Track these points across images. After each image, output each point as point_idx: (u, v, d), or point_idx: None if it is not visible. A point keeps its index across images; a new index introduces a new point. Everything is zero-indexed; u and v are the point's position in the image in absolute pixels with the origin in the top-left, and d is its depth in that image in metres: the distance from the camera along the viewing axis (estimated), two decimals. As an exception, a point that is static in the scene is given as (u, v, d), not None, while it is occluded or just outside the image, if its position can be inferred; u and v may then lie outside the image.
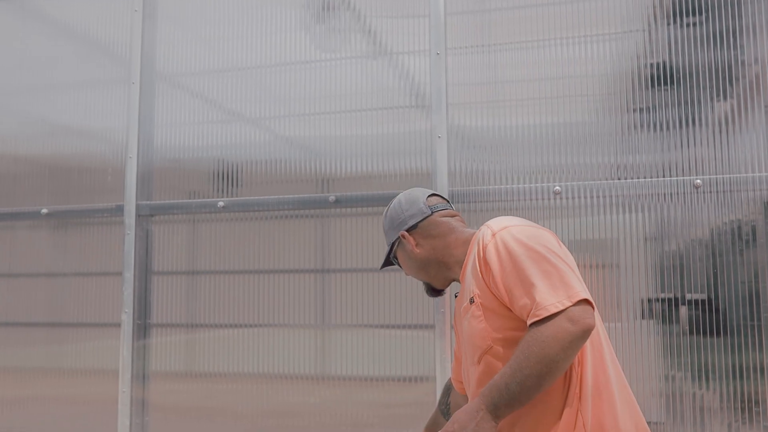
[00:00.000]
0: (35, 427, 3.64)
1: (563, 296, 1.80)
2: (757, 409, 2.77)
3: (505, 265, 1.92)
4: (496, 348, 1.97)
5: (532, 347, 1.78)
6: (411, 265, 2.35)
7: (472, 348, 2.05)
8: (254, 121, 3.49)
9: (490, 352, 1.98)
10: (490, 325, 1.98)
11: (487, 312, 1.99)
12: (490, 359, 1.99)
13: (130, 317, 3.51)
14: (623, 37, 3.07)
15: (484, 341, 1.99)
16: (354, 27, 3.40)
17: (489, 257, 1.97)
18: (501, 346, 1.97)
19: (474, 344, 2.03)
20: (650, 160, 2.97)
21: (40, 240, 3.74)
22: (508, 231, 1.98)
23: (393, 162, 3.28)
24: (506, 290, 1.91)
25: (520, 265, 1.88)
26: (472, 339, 2.04)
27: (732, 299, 2.84)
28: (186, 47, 3.64)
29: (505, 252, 1.93)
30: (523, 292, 1.86)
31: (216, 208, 3.47)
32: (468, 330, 2.06)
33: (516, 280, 1.88)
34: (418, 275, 2.35)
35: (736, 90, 2.93)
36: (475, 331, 2.02)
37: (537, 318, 1.79)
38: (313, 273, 3.33)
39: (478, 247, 2.04)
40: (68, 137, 3.76)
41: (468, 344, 2.08)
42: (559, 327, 1.76)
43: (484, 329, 1.99)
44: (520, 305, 1.86)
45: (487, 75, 3.21)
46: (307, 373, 3.30)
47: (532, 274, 1.86)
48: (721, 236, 2.88)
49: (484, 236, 2.03)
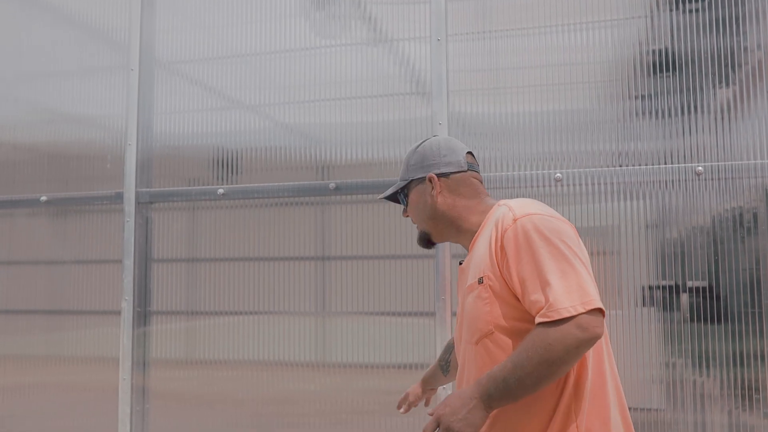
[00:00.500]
0: (36, 413, 3.65)
1: (577, 301, 1.75)
2: (757, 396, 2.78)
3: (522, 255, 1.87)
4: (498, 335, 1.94)
5: (537, 348, 1.75)
6: (422, 210, 2.23)
7: (472, 328, 2.01)
8: (254, 108, 3.48)
9: (491, 338, 1.95)
10: (496, 311, 1.94)
11: (494, 297, 1.94)
12: (490, 345, 1.95)
13: (130, 305, 3.51)
14: (625, 23, 3.05)
15: (487, 325, 1.95)
16: (354, 13, 3.38)
17: (507, 243, 1.91)
18: (503, 333, 1.93)
19: (475, 325, 1.99)
20: (651, 147, 2.97)
21: (40, 227, 3.74)
22: (531, 219, 1.91)
23: (393, 149, 3.27)
24: (519, 281, 1.87)
25: (538, 259, 1.84)
26: (474, 320, 1.99)
27: (732, 287, 2.83)
28: (185, 34, 3.63)
29: (525, 241, 1.87)
30: (538, 287, 1.82)
31: (216, 195, 3.47)
32: (471, 310, 2.01)
33: (532, 273, 1.84)
34: (423, 223, 2.23)
35: (738, 76, 2.92)
36: (479, 313, 1.97)
37: (547, 319, 1.76)
38: (313, 260, 3.33)
39: (496, 229, 1.97)
40: (67, 124, 3.75)
41: (468, 323, 2.04)
42: (568, 332, 1.73)
43: (489, 313, 1.95)
44: (531, 299, 1.82)
45: (487, 62, 3.20)
46: (307, 361, 3.30)
47: (549, 271, 1.81)
48: (722, 224, 2.87)
49: (504, 218, 1.96)
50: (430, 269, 3.17)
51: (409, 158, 2.26)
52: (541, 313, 1.78)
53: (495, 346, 1.94)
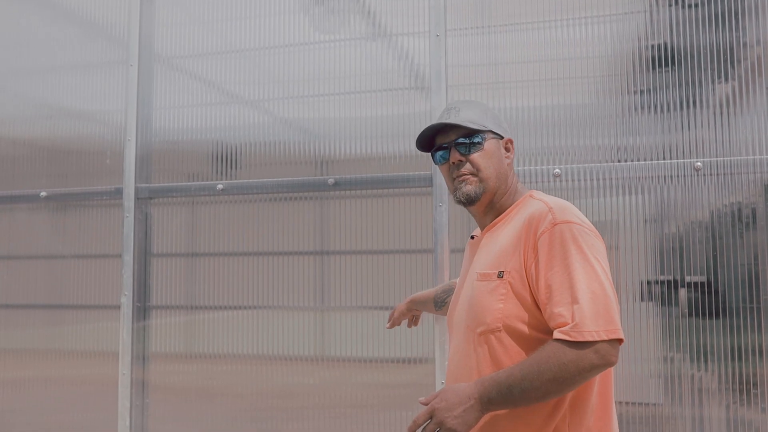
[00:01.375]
0: (36, 408, 3.66)
1: (602, 326, 1.73)
2: (755, 391, 2.78)
3: (554, 263, 1.83)
4: (504, 335, 1.90)
5: (551, 364, 1.73)
6: (495, 164, 2.07)
7: (478, 318, 1.95)
8: (253, 103, 3.47)
9: (496, 335, 1.91)
10: (509, 311, 1.89)
11: (512, 295, 1.90)
12: (493, 341, 1.91)
13: (130, 300, 3.51)
14: (624, 18, 3.05)
15: (496, 322, 1.91)
16: (352, 8, 3.38)
17: (541, 245, 1.86)
18: (510, 334, 1.89)
19: (482, 317, 1.94)
20: (651, 141, 2.97)
21: (39, 222, 3.73)
22: (570, 228, 1.85)
23: (392, 144, 3.27)
24: (546, 287, 1.82)
25: (571, 273, 1.79)
26: (483, 311, 1.94)
27: (731, 282, 2.84)
28: (184, 29, 3.62)
29: (560, 249, 1.83)
30: (565, 301, 1.78)
31: (215, 191, 3.47)
32: (481, 299, 1.95)
33: (561, 284, 1.80)
34: (489, 177, 2.05)
35: (737, 72, 2.92)
36: (490, 307, 1.92)
37: (568, 338, 1.73)
38: (312, 255, 3.33)
39: (529, 225, 1.91)
40: (66, 119, 3.74)
41: (475, 310, 1.98)
42: (585, 356, 1.72)
43: (501, 311, 1.90)
44: (555, 311, 1.79)
45: (486, 56, 3.19)
46: (306, 355, 3.31)
47: (579, 288, 1.77)
48: (721, 219, 2.87)
49: (542, 218, 1.89)
50: (429, 264, 3.17)
51: (483, 109, 2.12)
52: (562, 330, 1.75)
53: (498, 344, 1.91)
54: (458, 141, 2.06)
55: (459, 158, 2.06)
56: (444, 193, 3.13)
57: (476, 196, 2.05)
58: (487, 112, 2.11)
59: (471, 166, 2.05)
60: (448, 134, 2.10)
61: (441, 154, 2.12)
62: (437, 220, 3.13)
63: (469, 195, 2.05)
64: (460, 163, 2.06)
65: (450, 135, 2.09)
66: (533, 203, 1.99)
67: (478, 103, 2.13)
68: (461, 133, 2.07)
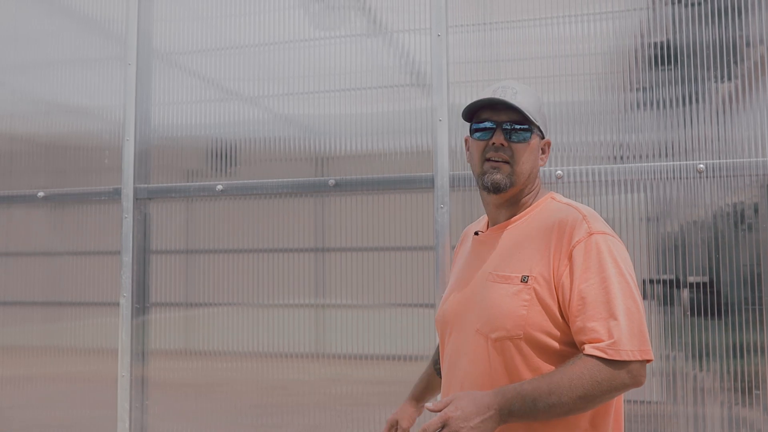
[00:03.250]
0: (36, 404, 3.66)
1: (636, 346, 1.69)
2: (757, 391, 2.79)
3: (590, 275, 1.75)
4: (523, 343, 1.81)
5: (584, 381, 1.67)
6: (532, 161, 1.95)
7: (495, 323, 1.84)
8: (252, 99, 3.46)
9: (515, 342, 1.82)
10: (533, 318, 1.80)
11: (536, 302, 1.81)
12: (511, 349, 1.82)
13: (129, 301, 3.50)
14: (625, 15, 3.03)
15: (517, 329, 1.81)
16: (352, 5, 3.36)
17: (576, 254, 1.78)
18: (530, 343, 1.81)
19: (501, 322, 1.83)
20: (651, 138, 2.96)
21: (38, 219, 3.72)
22: (606, 239, 1.79)
23: (392, 141, 3.26)
24: (578, 298, 1.75)
25: (608, 287, 1.73)
26: (501, 317, 1.83)
27: (732, 282, 2.84)
28: (183, 25, 3.60)
29: (597, 261, 1.76)
30: (601, 316, 1.72)
31: (214, 191, 3.45)
32: (499, 303, 1.85)
33: (596, 298, 1.73)
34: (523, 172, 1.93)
35: (739, 71, 2.90)
36: (511, 313, 1.82)
37: (604, 355, 1.68)
38: (311, 252, 3.32)
39: (560, 231, 1.83)
40: (64, 115, 3.73)
41: (490, 314, 1.87)
42: (617, 376, 1.67)
43: (523, 318, 1.80)
44: (587, 325, 1.73)
45: (487, 53, 3.18)
46: (304, 352, 3.31)
47: (617, 305, 1.71)
48: (723, 219, 2.87)
49: (576, 226, 1.82)
50: (430, 260, 3.17)
51: (537, 100, 1.99)
52: (597, 346, 1.70)
53: (517, 352, 1.82)
54: (508, 124, 1.92)
55: (503, 142, 1.91)
56: (445, 195, 3.12)
57: (504, 187, 1.91)
58: (541, 106, 2.00)
59: (510, 154, 1.92)
60: (498, 112, 1.93)
61: (482, 133, 1.96)
62: (438, 222, 3.12)
63: (498, 184, 1.91)
64: (501, 147, 1.92)
65: (500, 114, 1.93)
66: (561, 207, 1.91)
67: (533, 92, 1.99)
68: (514, 117, 1.92)
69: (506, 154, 1.92)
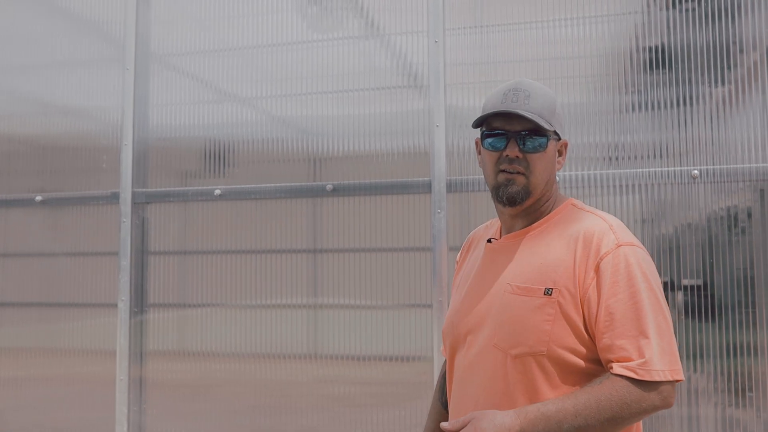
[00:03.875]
0: (32, 406, 3.66)
1: (667, 366, 1.61)
2: (750, 393, 2.82)
3: (618, 290, 1.67)
4: (546, 360, 1.71)
5: (612, 403, 1.59)
6: (549, 167, 1.83)
7: (516, 338, 1.73)
8: (249, 101, 3.46)
9: (537, 359, 1.71)
10: (557, 334, 1.70)
11: (560, 317, 1.71)
12: (533, 366, 1.72)
13: (127, 305, 3.51)
14: (619, 19, 3.05)
15: (540, 345, 1.70)
16: (348, 7, 3.36)
17: (604, 268, 1.69)
18: (553, 361, 1.71)
19: (523, 338, 1.72)
20: (645, 140, 2.98)
21: (36, 220, 3.72)
22: (634, 252, 1.70)
23: (388, 142, 3.27)
24: (606, 314, 1.66)
25: (639, 303, 1.65)
26: (523, 332, 1.72)
27: (726, 285, 2.86)
28: (180, 28, 3.59)
29: (626, 275, 1.67)
30: (629, 333, 1.63)
31: (212, 196, 3.45)
32: (522, 320, 1.73)
33: (625, 314, 1.65)
34: (540, 181, 1.82)
35: (732, 76, 2.92)
36: (535, 328, 1.71)
37: (635, 375, 1.59)
38: (307, 253, 3.33)
39: (586, 243, 1.73)
40: (62, 117, 3.72)
41: (510, 329, 1.75)
42: (648, 398, 1.59)
43: (547, 333, 1.70)
44: (615, 343, 1.64)
45: (483, 55, 3.19)
46: (300, 353, 3.33)
47: (648, 322, 1.63)
48: (716, 223, 2.89)
49: (603, 236, 1.72)
50: (427, 261, 3.18)
51: (552, 101, 1.85)
52: (627, 365, 1.61)
53: (539, 370, 1.71)
54: (521, 134, 1.79)
55: (517, 154, 1.78)
56: (442, 200, 3.14)
57: (520, 200, 1.80)
58: (557, 107, 1.85)
59: (525, 165, 1.79)
60: (510, 121, 1.80)
61: (494, 141, 1.83)
62: (436, 227, 3.13)
63: (513, 197, 1.79)
64: (516, 159, 1.79)
65: (513, 123, 1.80)
66: (584, 216, 1.82)
67: (548, 93, 1.85)
68: (527, 126, 1.79)
69: (521, 165, 1.79)
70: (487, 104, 1.85)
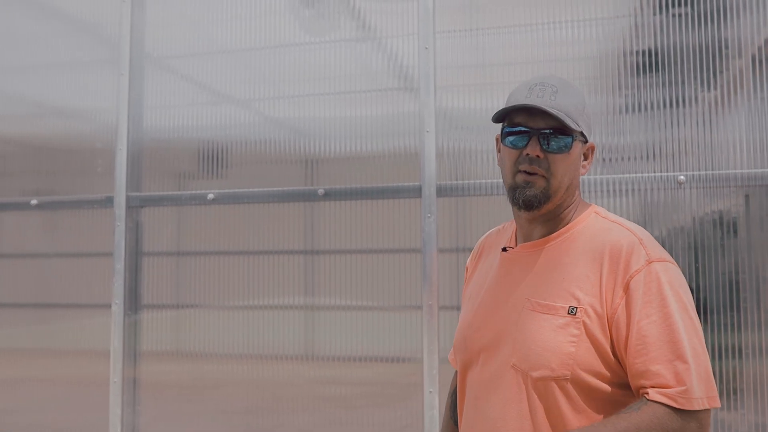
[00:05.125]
0: (26, 407, 3.68)
1: (705, 393, 1.50)
2: (734, 396, 2.85)
3: (651, 310, 1.55)
4: (570, 385, 1.59)
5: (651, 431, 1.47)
6: (573, 170, 1.70)
7: (537, 359, 1.61)
8: (243, 102, 3.48)
9: (560, 384, 1.59)
10: (582, 357, 1.58)
11: (585, 338, 1.59)
12: (556, 391, 1.60)
13: (121, 307, 3.53)
14: (609, 22, 3.06)
15: (564, 368, 1.58)
16: (342, 10, 3.37)
17: (635, 287, 1.56)
18: (577, 386, 1.59)
19: (545, 360, 1.60)
20: (635, 141, 3.00)
21: (31, 225, 3.74)
22: (666, 268, 1.59)
23: (380, 143, 3.29)
24: (638, 337, 1.54)
25: (673, 326, 1.53)
26: (544, 354, 1.60)
27: (713, 288, 2.89)
28: (175, 29, 3.61)
29: (658, 296, 1.55)
30: (665, 358, 1.52)
31: (206, 200, 3.47)
32: (544, 340, 1.61)
33: (660, 337, 1.53)
34: (561, 185, 1.68)
35: (720, 81, 2.94)
36: (557, 350, 1.59)
37: (673, 404, 1.48)
38: (301, 255, 3.35)
39: (616, 258, 1.60)
40: (57, 118, 3.73)
41: (529, 349, 1.63)
42: (688, 427, 1.48)
43: (572, 356, 1.58)
44: (650, 369, 1.52)
45: (475, 58, 3.20)
46: (294, 354, 3.35)
47: (684, 346, 1.51)
48: (703, 228, 2.92)
49: (633, 252, 1.60)
50: (418, 263, 3.20)
51: (581, 100, 1.72)
52: (666, 393, 1.50)
53: (563, 395, 1.60)
54: (544, 132, 1.66)
55: (538, 153, 1.65)
56: (432, 204, 3.16)
57: (537, 204, 1.67)
58: (585, 107, 1.72)
59: (546, 166, 1.66)
60: (534, 117, 1.67)
61: (515, 138, 1.69)
62: (426, 231, 3.16)
63: (530, 201, 1.66)
64: (536, 159, 1.66)
65: (537, 120, 1.67)
66: (610, 227, 1.69)
67: (577, 91, 1.73)
68: (552, 123, 1.65)
69: (542, 167, 1.66)
70: (511, 98, 1.73)
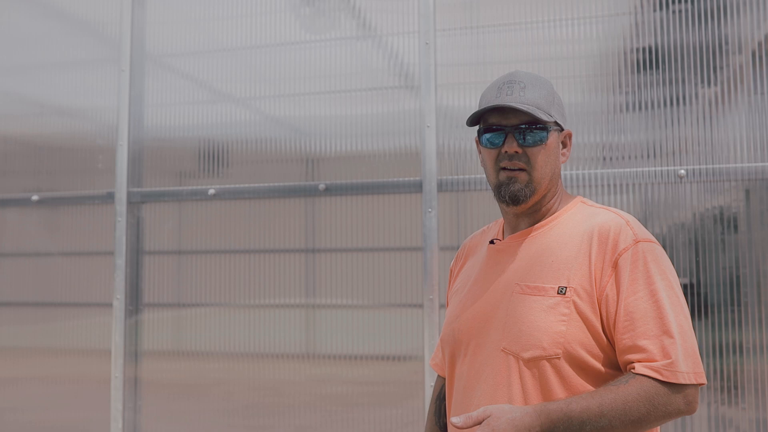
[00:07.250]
0: (27, 406, 3.67)
1: (692, 369, 1.52)
2: (736, 391, 2.84)
3: (638, 287, 1.59)
4: (563, 363, 1.60)
5: (640, 405, 1.50)
6: (552, 161, 1.74)
7: (528, 341, 1.63)
8: (243, 101, 3.48)
9: (552, 363, 1.61)
10: (572, 334, 1.60)
11: (576, 317, 1.61)
12: (548, 370, 1.61)
13: (122, 303, 3.53)
14: (611, 20, 3.07)
15: (555, 347, 1.60)
16: (342, 8, 3.38)
17: (623, 264, 1.60)
18: (569, 362, 1.61)
19: (536, 340, 1.62)
20: (636, 139, 3.00)
21: (32, 222, 3.73)
22: (653, 248, 1.63)
23: (380, 141, 3.29)
24: (626, 313, 1.57)
25: (660, 302, 1.57)
26: (535, 335, 1.62)
27: (714, 284, 2.89)
28: (175, 28, 3.61)
29: (644, 272, 1.59)
30: (651, 333, 1.54)
31: (206, 195, 3.47)
32: (534, 321, 1.63)
33: (646, 313, 1.56)
34: (544, 176, 1.72)
35: (721, 77, 2.95)
36: (548, 329, 1.61)
37: (659, 376, 1.51)
38: (301, 253, 3.35)
39: (603, 239, 1.64)
40: (58, 117, 3.74)
41: (520, 331, 1.64)
42: (674, 401, 1.51)
43: (562, 335, 1.60)
44: (637, 343, 1.55)
45: (475, 56, 3.21)
46: (295, 352, 3.34)
47: (670, 322, 1.54)
48: (704, 223, 2.92)
49: (620, 232, 1.64)
50: (419, 261, 3.20)
51: (550, 91, 1.76)
52: (651, 366, 1.52)
53: (554, 373, 1.61)
54: (519, 128, 1.70)
55: (516, 149, 1.69)
56: (433, 199, 3.16)
57: (524, 198, 1.71)
58: (554, 96, 1.76)
59: (525, 160, 1.71)
60: (506, 115, 1.71)
61: (491, 137, 1.73)
62: (426, 226, 3.16)
63: (516, 196, 1.70)
64: (515, 155, 1.70)
65: (509, 117, 1.71)
66: (597, 212, 1.73)
67: (545, 82, 1.76)
68: (524, 119, 1.70)
69: (522, 161, 1.70)
70: (482, 99, 1.77)
